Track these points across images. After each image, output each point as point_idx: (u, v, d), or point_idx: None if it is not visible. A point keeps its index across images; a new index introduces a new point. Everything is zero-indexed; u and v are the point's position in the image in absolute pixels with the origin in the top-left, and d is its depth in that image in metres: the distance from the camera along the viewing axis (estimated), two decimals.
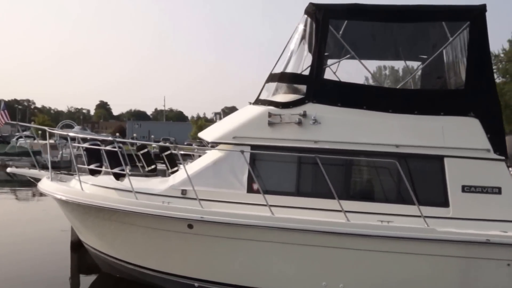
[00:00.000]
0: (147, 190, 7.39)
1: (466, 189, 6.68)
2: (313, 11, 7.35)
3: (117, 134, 54.98)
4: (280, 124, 7.20)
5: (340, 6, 7.47)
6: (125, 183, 7.60)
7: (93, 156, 7.80)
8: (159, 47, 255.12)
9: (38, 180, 8.94)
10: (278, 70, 7.92)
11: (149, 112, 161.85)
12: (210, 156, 7.63)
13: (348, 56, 7.54)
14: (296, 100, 7.32)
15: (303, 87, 7.56)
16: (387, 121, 7.04)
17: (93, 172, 7.82)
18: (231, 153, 7.23)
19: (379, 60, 9.83)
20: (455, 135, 6.84)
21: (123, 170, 7.53)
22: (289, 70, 7.81)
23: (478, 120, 6.85)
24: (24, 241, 11.85)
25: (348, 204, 6.54)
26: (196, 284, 7.34)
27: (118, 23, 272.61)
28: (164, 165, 10.22)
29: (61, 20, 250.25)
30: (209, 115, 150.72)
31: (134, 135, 58.33)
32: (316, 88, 7.28)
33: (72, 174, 9.16)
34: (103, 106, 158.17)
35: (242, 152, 6.85)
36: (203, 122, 70.30)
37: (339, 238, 6.46)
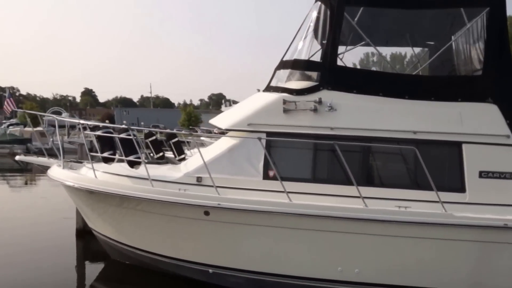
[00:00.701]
0: (161, 178, 7.34)
1: (483, 174, 6.73)
2: None
3: (107, 121, 54.39)
4: (295, 111, 7.17)
5: None
6: (138, 170, 7.58)
7: (107, 144, 7.74)
8: (141, 34, 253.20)
9: (43, 167, 8.88)
10: (287, 57, 7.91)
11: (136, 99, 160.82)
12: (224, 143, 7.60)
13: (363, 43, 7.53)
14: (311, 87, 7.28)
15: (316, 74, 7.55)
16: (403, 108, 7.04)
17: (107, 160, 7.76)
18: (246, 140, 7.22)
19: (391, 47, 9.82)
20: (473, 121, 6.85)
21: (138, 158, 7.50)
22: (300, 57, 7.77)
23: (497, 106, 6.86)
24: (27, 230, 11.79)
25: (364, 190, 6.58)
26: (210, 270, 7.37)
27: (102, 10, 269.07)
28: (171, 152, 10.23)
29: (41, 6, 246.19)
30: (196, 102, 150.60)
31: (124, 122, 57.63)
32: (331, 74, 7.25)
33: (81, 162, 9.09)
34: (88, 93, 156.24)
35: (260, 139, 6.84)
36: (192, 109, 69.66)
37: (357, 224, 6.52)
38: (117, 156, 7.77)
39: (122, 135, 7.56)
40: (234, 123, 7.48)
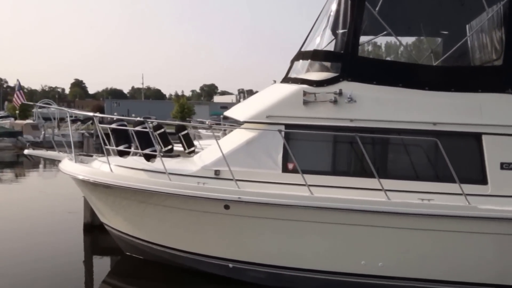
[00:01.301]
0: (178, 171, 7.20)
1: (505, 166, 6.68)
2: None
3: (98, 113, 53.92)
4: (315, 102, 7.07)
5: None
6: (153, 164, 7.44)
7: (122, 137, 7.57)
8: (131, 23, 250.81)
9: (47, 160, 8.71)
10: (305, 48, 7.78)
11: (126, 90, 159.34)
12: (241, 135, 7.46)
13: (385, 33, 7.41)
14: (331, 78, 7.17)
15: (333, 65, 7.45)
16: (423, 99, 6.96)
17: (122, 153, 7.59)
18: (264, 133, 7.09)
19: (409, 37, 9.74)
20: (493, 112, 6.79)
21: (154, 151, 7.35)
22: (319, 48, 7.66)
23: None
24: (31, 225, 11.63)
25: (385, 183, 6.48)
26: (230, 265, 7.27)
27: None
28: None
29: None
30: (187, 93, 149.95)
31: (115, 114, 57.25)
32: (351, 65, 7.15)
33: (91, 155, 8.90)
34: (78, 85, 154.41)
35: (280, 131, 6.72)
36: (185, 101, 69.32)
37: (380, 217, 6.44)
38: (133, 149, 7.62)
39: (138, 128, 7.41)
40: (252, 115, 7.35)
